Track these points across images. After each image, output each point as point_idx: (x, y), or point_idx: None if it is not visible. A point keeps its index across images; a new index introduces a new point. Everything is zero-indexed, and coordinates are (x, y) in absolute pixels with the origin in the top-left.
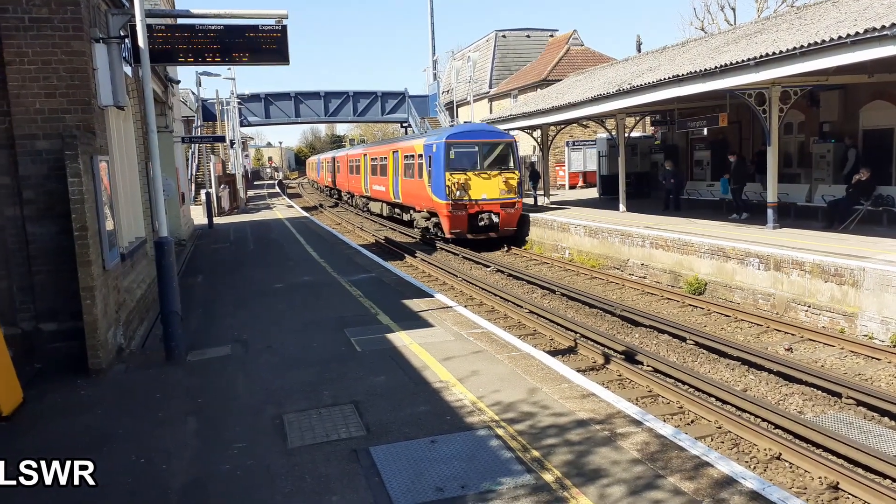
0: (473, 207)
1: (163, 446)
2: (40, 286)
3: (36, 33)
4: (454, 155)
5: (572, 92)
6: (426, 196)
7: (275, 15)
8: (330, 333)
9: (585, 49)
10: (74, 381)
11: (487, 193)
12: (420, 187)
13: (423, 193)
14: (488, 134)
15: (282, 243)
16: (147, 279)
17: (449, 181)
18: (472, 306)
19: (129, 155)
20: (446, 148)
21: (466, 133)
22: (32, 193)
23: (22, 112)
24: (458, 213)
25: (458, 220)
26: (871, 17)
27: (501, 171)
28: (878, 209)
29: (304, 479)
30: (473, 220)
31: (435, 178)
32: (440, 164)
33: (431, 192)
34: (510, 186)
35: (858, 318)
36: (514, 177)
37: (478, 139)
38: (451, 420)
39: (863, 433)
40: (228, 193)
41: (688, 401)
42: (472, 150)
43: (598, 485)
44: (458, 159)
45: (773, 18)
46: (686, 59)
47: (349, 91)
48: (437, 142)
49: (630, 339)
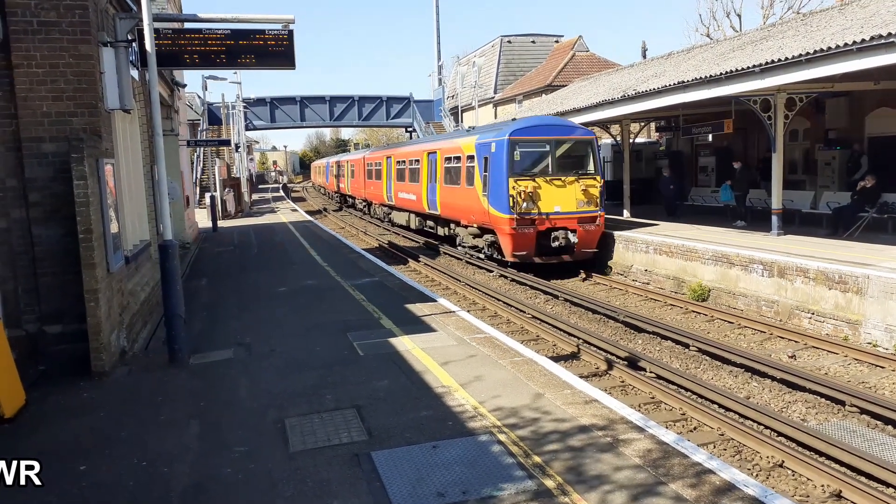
0: (544, 223)
1: (165, 449)
2: (45, 288)
3: (44, 37)
4: (519, 155)
5: (577, 97)
6: (478, 208)
7: (281, 20)
8: (333, 337)
9: (591, 55)
10: (77, 383)
11: (562, 205)
12: (469, 197)
13: (473, 205)
14: (562, 129)
15: (285, 247)
16: (151, 282)
17: (513, 189)
18: (474, 311)
19: (134, 158)
20: (510, 147)
21: (534, 128)
22: (38, 196)
23: (29, 115)
24: (525, 231)
25: (524, 239)
26: (877, 24)
27: (579, 176)
28: (883, 216)
29: (305, 483)
30: (544, 240)
31: (493, 186)
32: (501, 168)
33: (488, 203)
34: (590, 196)
35: (862, 325)
36: (595, 184)
37: (549, 135)
38: (452, 425)
39: (866, 441)
40: (233, 197)
41: (690, 407)
42: (543, 149)
43: (600, 491)
44: (525, 161)
45: (778, 25)
46: (691, 66)
47: (354, 96)
48: (496, 139)
49: (633, 345)
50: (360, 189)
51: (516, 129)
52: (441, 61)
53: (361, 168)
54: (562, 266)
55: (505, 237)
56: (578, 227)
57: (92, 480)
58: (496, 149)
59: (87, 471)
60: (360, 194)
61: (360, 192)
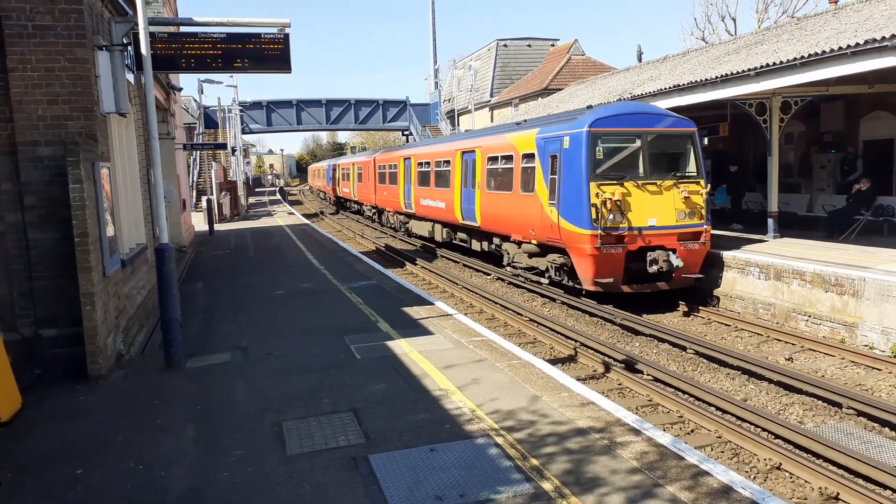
0: (635, 241)
1: (161, 453)
2: (41, 292)
3: (39, 40)
4: (603, 152)
5: (573, 101)
6: (541, 220)
7: (277, 23)
8: (330, 340)
9: (587, 58)
10: (74, 387)
11: (658, 217)
12: (526, 206)
13: (531, 216)
14: (654, 118)
15: (282, 250)
16: (147, 285)
17: (596, 197)
18: (472, 314)
19: (130, 161)
20: (590, 141)
21: (620, 117)
22: (34, 199)
23: (24, 119)
24: (611, 251)
25: (610, 261)
26: (871, 27)
27: (678, 179)
28: (878, 219)
29: (302, 486)
30: (634, 262)
31: (566, 192)
32: (579, 169)
33: (558, 215)
34: (693, 205)
35: (859, 328)
36: (698, 189)
37: (640, 126)
38: (450, 428)
39: (863, 443)
40: (229, 200)
41: (688, 410)
42: (632, 143)
43: (597, 493)
44: (610, 160)
45: (773, 29)
46: (687, 69)
47: (351, 99)
48: (569, 132)
49: (630, 347)
50: (369, 195)
51: (599, 119)
52: (437, 65)
53: (371, 171)
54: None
55: (583, 259)
56: (679, 246)
57: (88, 484)
58: (571, 144)
59: (83, 475)
60: (369, 200)
61: (368, 198)
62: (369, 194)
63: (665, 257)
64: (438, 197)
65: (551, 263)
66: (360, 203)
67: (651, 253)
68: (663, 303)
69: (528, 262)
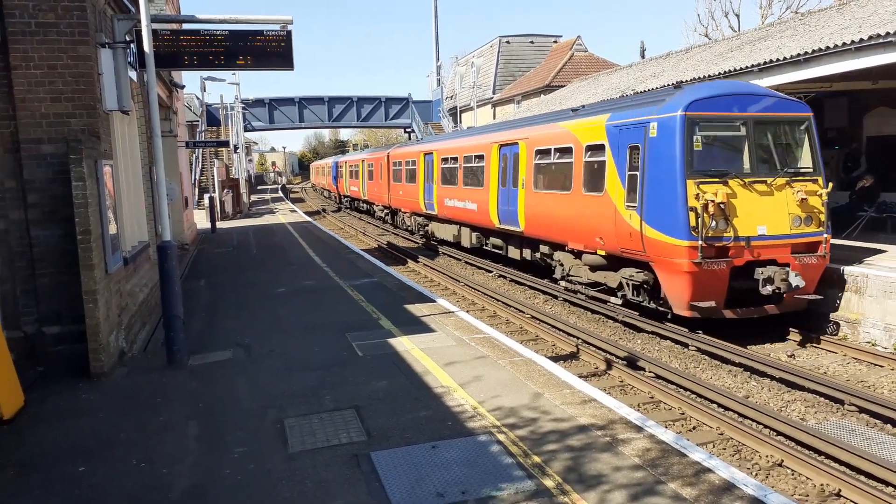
0: (742, 253)
1: (164, 451)
2: (43, 289)
3: (42, 38)
4: (701, 142)
5: (576, 98)
6: (615, 227)
7: (279, 21)
8: (332, 338)
9: (589, 55)
10: (76, 384)
11: (769, 224)
12: (593, 208)
13: (599, 220)
14: (759, 99)
15: (284, 247)
16: (150, 283)
17: (695, 199)
18: (473, 311)
19: (133, 159)
20: (686, 128)
21: (721, 99)
22: (37, 197)
23: (27, 116)
24: (713, 266)
25: (712, 280)
26: (875, 23)
27: (791, 177)
28: (881, 216)
29: (304, 483)
30: (741, 281)
31: (653, 191)
32: (671, 163)
33: (640, 221)
34: (810, 209)
35: (861, 324)
36: (817, 189)
37: (743, 109)
38: (452, 425)
39: (865, 440)
40: (232, 198)
41: (689, 407)
42: (735, 132)
43: (599, 490)
44: (710, 152)
45: (776, 25)
46: (690, 66)
47: (353, 97)
48: (656, 116)
49: (632, 344)
50: (381, 194)
51: (696, 100)
52: (440, 62)
53: (383, 168)
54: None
55: (677, 277)
56: (793, 260)
57: (91, 482)
58: (660, 132)
59: (85, 472)
60: (381, 200)
61: (380, 198)
62: (381, 193)
63: (783, 275)
64: (468, 197)
65: (628, 280)
66: (370, 203)
67: (762, 269)
68: (767, 329)
69: (591, 277)
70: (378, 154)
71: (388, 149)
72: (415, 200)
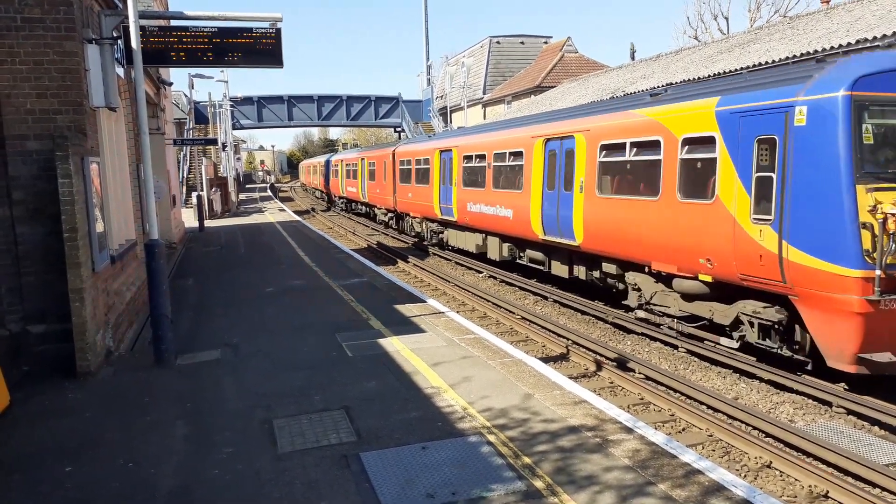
0: None
1: (151, 451)
2: (28, 287)
3: (28, 33)
4: (872, 132)
5: (566, 99)
6: (734, 246)
7: (269, 18)
8: (321, 338)
9: (579, 56)
10: (62, 383)
11: None
12: (696, 219)
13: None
14: None
15: (273, 247)
16: (137, 282)
17: (869, 212)
18: (464, 312)
19: (120, 156)
20: (850, 114)
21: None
22: (22, 194)
23: (13, 112)
24: (893, 306)
25: (892, 323)
26: (862, 27)
27: None
28: None
29: (293, 484)
30: None
31: (802, 200)
32: (833, 161)
33: (780, 239)
34: None
35: None
36: None
37: None
38: (442, 426)
39: (853, 442)
40: (220, 196)
41: (679, 408)
42: None
43: (589, 491)
44: (884, 147)
45: (765, 28)
46: (680, 67)
47: (343, 95)
48: (805, 98)
49: (622, 346)
50: (385, 196)
51: (863, 76)
52: (430, 61)
53: (388, 167)
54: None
55: (841, 319)
56: None
57: (76, 483)
58: (811, 119)
59: (71, 472)
60: (385, 203)
61: (383, 200)
62: (385, 195)
63: None
64: (499, 202)
65: (751, 318)
66: (370, 206)
67: None
68: None
69: (685, 308)
70: (381, 151)
71: (394, 146)
72: (427, 204)
